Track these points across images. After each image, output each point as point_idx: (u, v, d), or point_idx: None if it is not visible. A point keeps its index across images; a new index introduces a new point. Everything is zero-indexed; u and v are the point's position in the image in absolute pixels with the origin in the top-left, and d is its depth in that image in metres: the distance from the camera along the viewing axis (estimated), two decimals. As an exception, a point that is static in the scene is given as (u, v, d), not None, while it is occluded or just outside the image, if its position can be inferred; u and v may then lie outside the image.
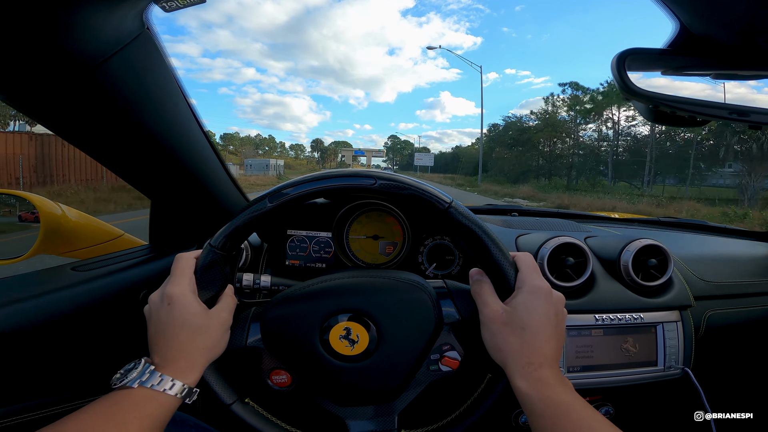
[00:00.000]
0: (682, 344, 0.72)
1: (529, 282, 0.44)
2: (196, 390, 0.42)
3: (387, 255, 0.86)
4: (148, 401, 0.38)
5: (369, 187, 0.46)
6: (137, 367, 0.40)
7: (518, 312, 0.42)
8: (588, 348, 0.70)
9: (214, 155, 0.69)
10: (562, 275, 0.71)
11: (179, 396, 0.40)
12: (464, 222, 0.45)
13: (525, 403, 0.40)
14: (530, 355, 0.41)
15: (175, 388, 0.40)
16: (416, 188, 0.46)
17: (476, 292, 0.46)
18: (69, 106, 0.46)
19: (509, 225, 0.93)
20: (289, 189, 0.46)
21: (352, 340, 0.47)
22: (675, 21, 0.47)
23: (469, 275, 0.49)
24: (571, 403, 0.38)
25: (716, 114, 0.48)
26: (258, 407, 0.49)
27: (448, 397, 0.54)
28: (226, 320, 0.46)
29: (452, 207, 0.46)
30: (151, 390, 0.39)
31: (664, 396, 0.77)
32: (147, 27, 0.46)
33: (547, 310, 0.42)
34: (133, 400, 0.38)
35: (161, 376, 0.40)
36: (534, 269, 0.45)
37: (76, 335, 0.62)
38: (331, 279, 0.50)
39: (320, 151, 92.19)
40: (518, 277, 0.45)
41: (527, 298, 0.43)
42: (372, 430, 0.48)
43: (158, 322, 0.43)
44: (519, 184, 25.97)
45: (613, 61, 0.50)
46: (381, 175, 0.47)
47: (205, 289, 0.46)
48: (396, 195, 0.46)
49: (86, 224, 0.74)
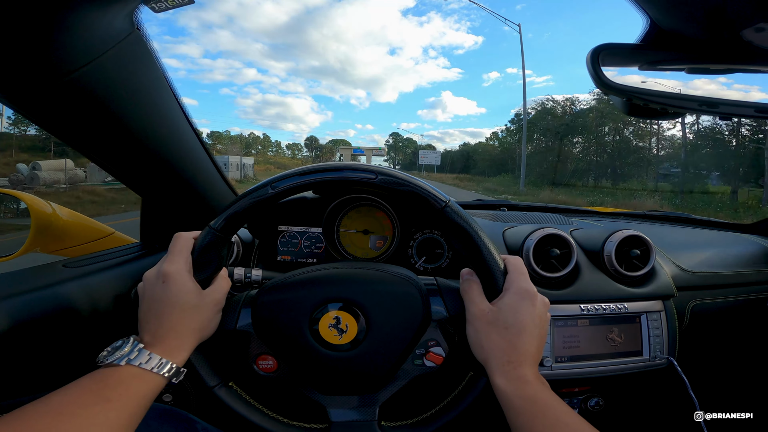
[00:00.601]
0: (666, 334, 0.73)
1: (516, 284, 0.45)
2: (183, 370, 0.43)
3: (377, 249, 0.87)
4: (135, 379, 0.38)
5: (370, 181, 0.47)
6: (125, 345, 0.41)
7: (503, 312, 0.44)
8: (575, 338, 0.71)
9: (204, 153, 0.70)
10: (547, 266, 0.73)
11: (166, 375, 0.40)
12: (459, 222, 0.47)
13: (503, 399, 0.41)
14: (511, 354, 0.42)
15: (163, 368, 0.40)
16: (414, 185, 0.47)
17: (465, 291, 0.48)
18: (59, 105, 0.47)
19: (498, 219, 0.94)
20: (291, 177, 0.48)
21: (341, 330, 0.48)
22: (645, 16, 0.49)
23: (460, 274, 0.50)
24: (548, 401, 0.40)
25: (687, 106, 0.50)
26: (241, 391, 0.49)
27: (430, 393, 0.55)
28: (219, 301, 0.47)
29: (449, 206, 0.47)
30: (138, 368, 0.39)
31: (652, 386, 0.79)
32: (137, 27, 0.47)
33: (531, 312, 0.44)
34: (119, 378, 0.38)
35: (150, 355, 0.40)
36: (522, 272, 0.47)
37: (67, 331, 0.63)
38: (324, 268, 0.51)
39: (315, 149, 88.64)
40: (507, 278, 0.46)
41: (513, 299, 0.44)
42: (353, 419, 0.49)
43: (152, 299, 0.44)
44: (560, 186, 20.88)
45: (588, 56, 0.52)
46: (381, 170, 0.48)
47: (202, 269, 0.47)
48: (394, 191, 0.47)
49: (77, 222, 0.75)
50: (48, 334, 0.61)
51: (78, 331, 0.64)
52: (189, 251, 0.46)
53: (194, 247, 0.47)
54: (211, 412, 0.67)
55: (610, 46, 0.52)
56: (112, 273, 0.69)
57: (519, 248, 0.75)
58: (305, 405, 0.52)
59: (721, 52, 0.50)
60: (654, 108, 0.51)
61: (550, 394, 0.41)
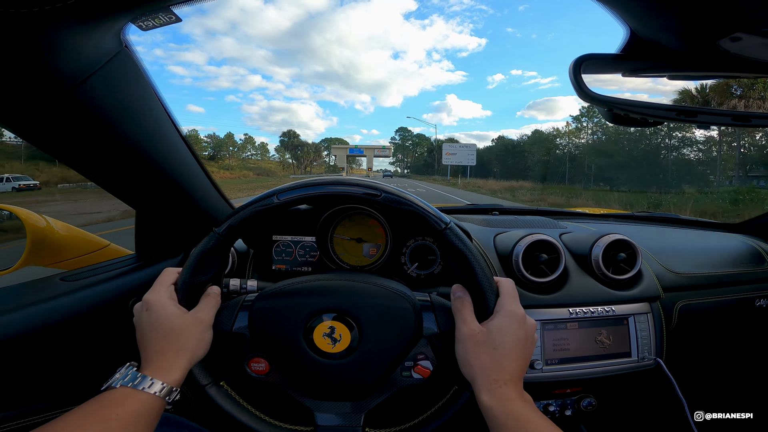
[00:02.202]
0: (653, 335, 0.74)
1: (506, 307, 0.47)
2: (176, 389, 0.44)
3: (371, 257, 0.88)
4: (130, 399, 0.41)
5: (374, 199, 0.49)
6: (122, 369, 0.44)
7: (493, 334, 0.45)
8: (564, 341, 0.72)
9: (197, 165, 0.70)
10: (536, 271, 0.73)
11: (159, 394, 0.42)
12: (458, 245, 0.48)
13: (488, 416, 0.43)
14: (497, 373, 0.44)
15: (155, 387, 0.42)
16: (416, 205, 0.49)
17: (456, 309, 0.49)
18: (50, 124, 0.47)
19: (490, 224, 0.95)
20: (296, 189, 0.50)
21: (335, 339, 0.49)
22: (625, 26, 0.49)
23: (451, 291, 0.51)
24: (530, 416, 0.42)
25: (666, 116, 0.51)
26: (231, 391, 0.51)
27: (414, 404, 0.56)
28: (204, 320, 0.48)
29: (449, 229, 0.49)
30: (132, 389, 0.41)
31: (644, 386, 0.79)
32: (125, 45, 0.47)
33: (519, 334, 0.46)
34: (115, 399, 0.41)
35: (142, 376, 0.42)
36: (513, 296, 0.48)
37: (67, 344, 0.63)
38: (322, 279, 0.53)
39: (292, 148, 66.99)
40: (498, 301, 0.48)
41: (503, 321, 0.46)
42: (338, 424, 0.50)
43: (139, 326, 0.47)
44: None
45: (570, 67, 0.52)
46: (386, 188, 0.50)
47: (203, 273, 0.50)
48: (396, 210, 0.49)
49: (72, 235, 0.75)
50: (48, 346, 0.61)
51: (77, 343, 0.65)
52: (171, 281, 0.50)
53: (197, 251, 0.50)
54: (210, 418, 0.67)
55: (591, 56, 0.53)
56: (109, 285, 0.69)
57: (509, 254, 0.75)
58: (293, 408, 0.53)
59: (699, 61, 0.51)
60: (635, 117, 0.52)
61: (533, 411, 0.43)
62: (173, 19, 0.49)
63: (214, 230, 0.50)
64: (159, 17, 0.46)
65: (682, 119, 0.50)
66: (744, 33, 0.42)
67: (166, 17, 0.47)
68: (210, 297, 0.49)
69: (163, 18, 0.47)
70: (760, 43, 0.43)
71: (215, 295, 0.50)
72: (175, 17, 0.48)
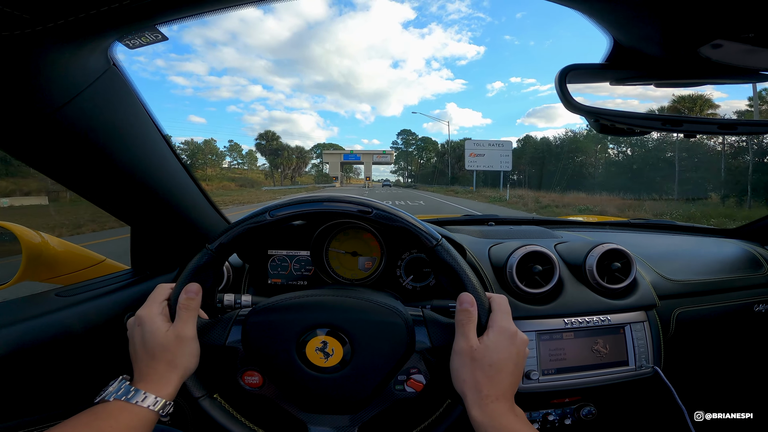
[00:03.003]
0: (650, 344, 0.73)
1: (498, 323, 0.47)
2: (170, 403, 0.45)
3: (366, 270, 0.87)
4: (124, 412, 0.42)
5: (365, 216, 0.51)
6: (115, 383, 0.45)
7: (488, 350, 0.46)
8: (560, 351, 0.71)
9: (190, 180, 0.71)
10: (531, 282, 0.73)
11: (152, 407, 0.43)
12: (449, 261, 0.49)
13: (479, 430, 0.43)
14: (489, 389, 0.44)
15: (148, 400, 0.43)
16: (406, 222, 0.50)
17: (461, 323, 0.48)
18: (38, 144, 0.48)
19: (485, 235, 0.94)
20: (289, 206, 0.50)
21: (327, 353, 0.49)
22: (608, 36, 0.50)
23: (458, 301, 0.49)
24: (519, 430, 0.42)
25: (651, 126, 0.51)
26: (225, 404, 0.51)
27: (408, 417, 0.56)
28: (185, 335, 0.48)
29: (440, 245, 0.50)
30: (125, 402, 0.42)
31: (643, 394, 0.78)
32: (113, 63, 0.48)
33: (511, 350, 0.46)
34: (110, 412, 0.42)
35: (135, 390, 0.43)
36: (505, 312, 0.49)
37: (62, 359, 0.63)
38: (314, 294, 0.53)
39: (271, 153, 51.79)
40: (490, 317, 0.48)
41: (496, 338, 0.46)
42: None
43: (132, 342, 0.49)
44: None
45: (556, 77, 0.53)
46: (377, 205, 0.51)
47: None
48: (387, 227, 0.50)
49: (68, 251, 0.75)
50: (43, 362, 0.61)
51: (72, 358, 0.64)
52: (164, 297, 0.50)
53: (193, 266, 0.50)
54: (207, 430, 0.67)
55: (576, 67, 0.53)
56: (104, 300, 0.69)
57: (503, 265, 0.75)
58: (287, 421, 0.53)
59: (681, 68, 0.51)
60: (621, 127, 0.52)
61: (523, 424, 0.43)
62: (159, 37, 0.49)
63: (207, 246, 0.50)
64: (145, 36, 0.47)
65: (667, 128, 0.50)
66: (724, 40, 0.42)
67: (152, 36, 0.47)
68: (184, 310, 0.49)
69: (150, 36, 0.48)
70: (740, 50, 0.43)
71: (189, 308, 0.49)
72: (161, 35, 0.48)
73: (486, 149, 25.63)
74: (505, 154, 25.19)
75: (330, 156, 64.57)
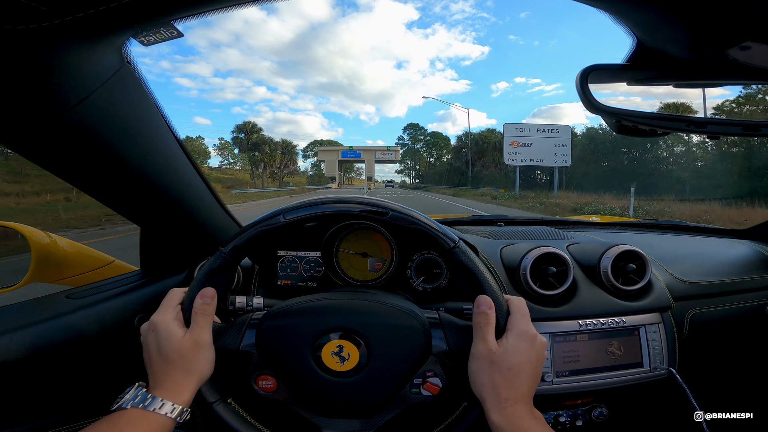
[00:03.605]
0: (665, 345, 0.73)
1: (518, 326, 0.47)
2: (187, 410, 0.45)
3: (376, 271, 0.87)
4: (141, 420, 0.42)
5: (381, 218, 0.50)
6: (132, 390, 0.45)
7: (508, 353, 0.45)
8: (574, 353, 0.71)
9: (201, 182, 0.70)
10: (545, 284, 0.73)
11: (169, 415, 0.43)
12: (467, 263, 0.49)
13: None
14: (508, 392, 0.44)
15: (165, 408, 0.43)
16: (424, 224, 0.50)
17: (479, 325, 0.47)
18: (52, 143, 0.47)
19: (495, 236, 0.94)
20: (303, 208, 0.50)
21: (343, 357, 0.49)
22: (631, 36, 0.49)
23: (475, 303, 0.49)
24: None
25: (674, 127, 0.51)
26: (239, 408, 0.51)
27: (424, 420, 0.56)
28: (201, 341, 0.48)
29: (458, 247, 0.50)
30: (142, 410, 0.42)
31: (656, 396, 0.78)
32: (127, 61, 0.47)
33: (530, 353, 0.46)
34: (127, 420, 0.41)
35: (152, 397, 0.43)
36: (524, 314, 0.49)
37: (73, 361, 0.63)
38: (330, 298, 0.53)
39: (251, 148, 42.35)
40: (509, 320, 0.48)
41: (516, 341, 0.46)
42: None
43: (146, 348, 0.48)
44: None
45: (577, 78, 0.52)
46: (393, 207, 0.51)
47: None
48: (404, 229, 0.50)
49: (77, 252, 0.75)
50: (55, 365, 0.61)
51: (84, 361, 0.64)
52: (177, 302, 0.50)
53: (205, 270, 0.50)
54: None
55: (598, 67, 0.52)
56: (114, 302, 0.69)
57: (516, 267, 0.74)
58: (301, 425, 0.53)
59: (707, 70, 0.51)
60: (643, 128, 0.51)
61: (542, 427, 0.43)
62: (175, 33, 0.49)
63: (221, 249, 0.50)
64: (160, 32, 0.46)
65: (691, 130, 0.50)
66: (754, 42, 0.41)
67: (167, 32, 0.47)
68: (201, 315, 0.48)
69: (165, 33, 0.47)
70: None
71: (206, 313, 0.49)
72: (177, 32, 0.48)
73: (534, 137, 18.94)
74: (562, 143, 18.77)
75: (326, 153, 54.81)
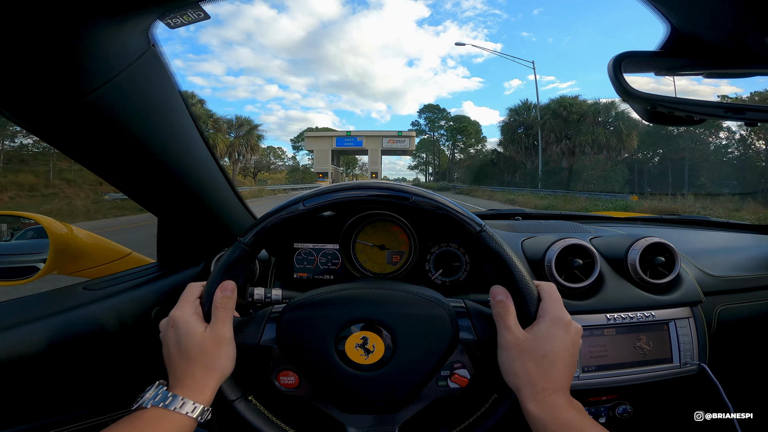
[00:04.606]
0: (695, 340, 0.73)
1: (551, 312, 0.46)
2: (208, 409, 0.44)
3: (394, 264, 0.87)
4: (161, 419, 0.41)
5: (404, 203, 0.48)
6: (152, 388, 0.44)
7: (540, 341, 0.44)
8: (601, 347, 0.71)
9: (219, 172, 0.70)
10: (570, 276, 0.73)
11: (190, 414, 0.42)
12: (494, 247, 0.48)
13: (537, 426, 0.42)
14: (545, 381, 0.43)
15: (186, 407, 0.42)
16: (449, 208, 0.48)
17: (499, 315, 0.47)
18: (76, 124, 0.47)
19: (514, 229, 0.94)
20: (322, 195, 0.49)
21: (368, 350, 0.48)
22: (666, 23, 0.49)
23: (491, 294, 0.49)
24: (583, 425, 0.41)
25: (713, 113, 0.51)
26: (260, 406, 0.50)
27: (451, 414, 0.55)
28: (223, 336, 0.47)
29: (484, 231, 0.48)
30: (163, 409, 0.42)
31: (680, 392, 0.78)
32: (153, 44, 0.47)
33: (565, 340, 0.45)
34: (147, 420, 0.41)
35: (173, 396, 0.42)
36: (557, 300, 0.47)
37: (90, 353, 0.63)
38: (352, 288, 0.52)
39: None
40: (541, 306, 0.47)
41: (549, 327, 0.45)
42: None
43: (166, 345, 0.47)
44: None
45: (609, 64, 0.52)
46: (416, 191, 0.49)
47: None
48: (428, 213, 0.48)
49: (94, 244, 0.75)
50: (72, 356, 0.61)
51: (101, 353, 0.64)
52: (196, 297, 0.49)
53: (224, 262, 0.49)
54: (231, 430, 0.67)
55: (631, 54, 0.53)
56: (131, 294, 0.69)
57: (540, 259, 0.75)
58: (324, 422, 0.53)
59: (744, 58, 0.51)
60: (679, 116, 0.51)
61: (584, 418, 0.42)
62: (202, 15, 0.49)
63: (239, 240, 0.49)
64: (188, 14, 0.46)
65: (729, 116, 0.50)
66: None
67: (194, 14, 0.47)
68: (221, 309, 0.47)
69: (192, 15, 0.47)
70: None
71: (227, 307, 0.48)
72: (204, 13, 0.48)
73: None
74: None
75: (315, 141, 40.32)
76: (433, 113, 47.62)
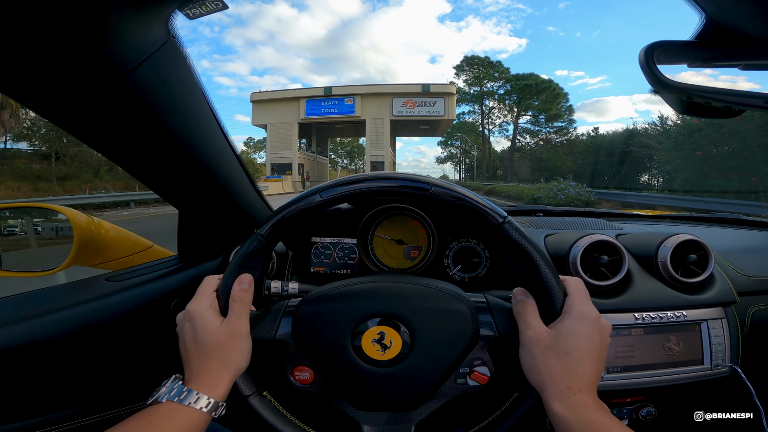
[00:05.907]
0: (728, 342, 0.72)
1: (578, 308, 0.45)
2: (223, 404, 0.45)
3: (412, 259, 0.88)
4: (176, 414, 0.42)
5: (423, 193, 0.48)
6: (167, 383, 0.44)
7: (563, 337, 0.44)
8: (629, 348, 0.71)
9: (238, 165, 0.72)
10: (596, 274, 0.72)
11: (204, 409, 0.43)
12: (518, 239, 0.46)
13: (562, 426, 0.41)
14: (570, 380, 0.42)
15: (201, 402, 0.43)
16: (471, 199, 0.47)
17: (519, 313, 0.47)
18: (97, 114, 0.48)
19: (535, 225, 0.94)
20: (339, 186, 0.49)
21: (385, 345, 0.48)
22: (701, 13, 0.49)
23: (513, 294, 0.49)
24: (609, 426, 0.40)
25: (752, 103, 0.50)
26: (275, 402, 0.50)
27: (470, 412, 0.55)
28: (239, 330, 0.47)
29: (507, 223, 0.47)
30: (178, 404, 0.42)
31: (710, 395, 0.77)
32: (172, 35, 0.48)
33: (593, 337, 0.44)
34: (161, 414, 0.42)
35: (187, 391, 0.43)
36: (584, 295, 0.46)
37: (111, 343, 0.66)
38: (369, 281, 0.51)
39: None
40: (566, 301, 0.46)
41: (575, 323, 0.44)
42: None
43: (182, 338, 0.48)
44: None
45: (641, 54, 0.52)
46: (436, 182, 0.48)
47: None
48: (449, 205, 0.47)
49: (117, 236, 0.78)
50: (94, 346, 0.64)
51: (122, 343, 0.67)
52: (212, 290, 0.50)
53: (241, 254, 0.49)
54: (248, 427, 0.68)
55: (664, 44, 0.52)
56: (152, 286, 0.72)
57: (564, 255, 0.74)
58: (339, 419, 0.53)
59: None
60: (716, 107, 0.51)
61: (611, 419, 0.41)
62: (220, 6, 0.50)
63: (256, 232, 0.49)
64: (206, 4, 0.47)
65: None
66: None
67: (213, 4, 0.48)
68: (238, 303, 0.48)
69: (210, 5, 0.49)
70: None
71: (243, 300, 0.48)
72: (222, 4, 0.49)
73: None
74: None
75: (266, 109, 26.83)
76: (478, 66, 30.58)
